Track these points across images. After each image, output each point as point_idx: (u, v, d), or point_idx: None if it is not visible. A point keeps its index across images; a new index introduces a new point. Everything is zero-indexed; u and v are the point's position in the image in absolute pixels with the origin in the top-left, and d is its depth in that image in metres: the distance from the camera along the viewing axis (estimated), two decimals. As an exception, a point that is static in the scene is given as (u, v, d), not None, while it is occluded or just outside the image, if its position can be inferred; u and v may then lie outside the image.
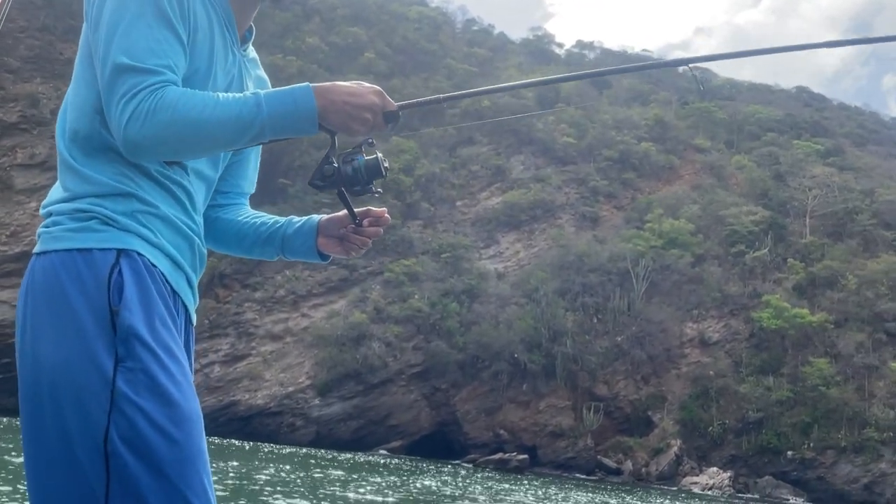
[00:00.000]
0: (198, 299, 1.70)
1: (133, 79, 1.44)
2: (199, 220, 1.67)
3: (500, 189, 52.80)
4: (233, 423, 39.93)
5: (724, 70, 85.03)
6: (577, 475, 39.21)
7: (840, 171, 56.28)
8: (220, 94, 1.50)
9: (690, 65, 1.87)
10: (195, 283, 1.67)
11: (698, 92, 65.13)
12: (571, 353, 42.80)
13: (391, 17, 64.25)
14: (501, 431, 41.92)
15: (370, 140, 1.66)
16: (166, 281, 1.54)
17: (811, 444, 39.75)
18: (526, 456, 40.18)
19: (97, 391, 1.38)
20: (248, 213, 1.90)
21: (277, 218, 1.89)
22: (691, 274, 47.34)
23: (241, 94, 1.51)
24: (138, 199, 1.53)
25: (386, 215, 1.80)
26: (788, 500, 37.32)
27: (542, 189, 52.17)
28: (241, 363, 41.19)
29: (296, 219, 1.87)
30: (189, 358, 1.64)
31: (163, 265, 1.54)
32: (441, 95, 1.70)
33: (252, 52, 1.81)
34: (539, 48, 78.06)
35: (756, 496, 37.52)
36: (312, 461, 27.20)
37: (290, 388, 40.66)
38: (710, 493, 36.27)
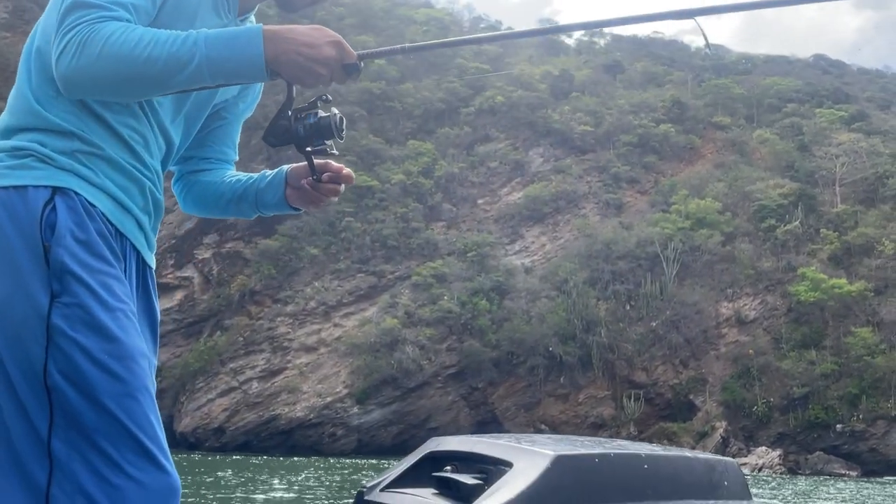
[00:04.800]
0: (154, 245, 1.66)
1: (77, 13, 1.40)
2: (155, 167, 1.61)
3: (521, 183, 52.54)
4: (275, 437, 40.20)
5: (739, 45, 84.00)
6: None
7: (867, 135, 55.09)
8: (165, 32, 1.43)
9: (695, 17, 1.63)
10: (148, 226, 1.62)
11: (707, 52, 63.76)
12: (607, 342, 42.41)
13: (399, 21, 64.36)
14: (542, 426, 41.65)
15: (325, 96, 1.58)
16: (108, 221, 1.50)
17: (860, 416, 38.93)
18: (569, 449, 39.88)
19: (34, 327, 1.39)
20: (230, 174, 1.83)
21: (252, 174, 1.82)
22: (722, 253, 46.65)
23: (185, 32, 1.44)
24: (80, 139, 1.49)
25: (346, 171, 1.70)
26: (842, 474, 36.51)
27: (564, 180, 51.81)
28: (278, 377, 41.43)
29: (268, 172, 1.80)
30: (150, 300, 1.63)
31: (104, 205, 1.50)
32: (406, 45, 1.59)
33: (252, 22, 1.74)
34: (549, 39, 77.57)
35: (808, 472, 36.76)
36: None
37: (329, 399, 40.80)
38: (761, 473, 35.60)
